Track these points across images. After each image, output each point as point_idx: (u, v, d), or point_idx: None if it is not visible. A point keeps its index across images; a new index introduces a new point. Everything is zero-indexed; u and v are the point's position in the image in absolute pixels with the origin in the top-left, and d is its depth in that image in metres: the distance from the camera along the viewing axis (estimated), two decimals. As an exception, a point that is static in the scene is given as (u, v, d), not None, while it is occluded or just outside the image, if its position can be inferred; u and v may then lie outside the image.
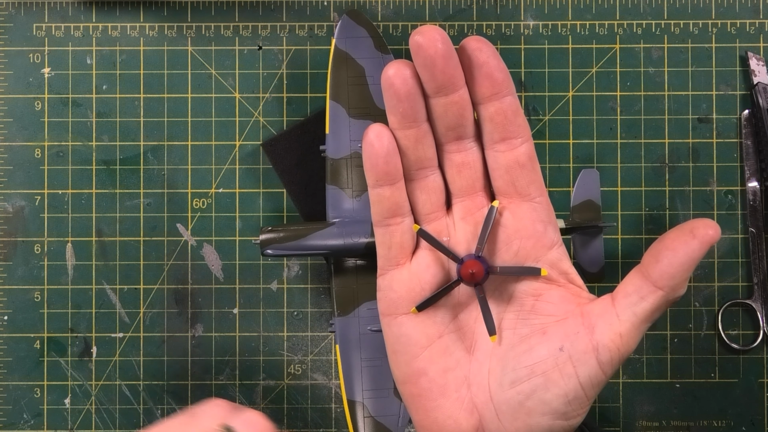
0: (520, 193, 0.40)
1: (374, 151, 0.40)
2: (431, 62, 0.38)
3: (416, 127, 0.40)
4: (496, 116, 0.39)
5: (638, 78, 0.59)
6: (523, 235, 0.40)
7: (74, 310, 0.58)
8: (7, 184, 0.59)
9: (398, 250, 0.42)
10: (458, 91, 0.39)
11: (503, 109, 0.39)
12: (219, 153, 0.59)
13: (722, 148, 0.59)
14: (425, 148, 0.40)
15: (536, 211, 0.40)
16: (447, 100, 0.39)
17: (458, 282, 0.40)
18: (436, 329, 0.41)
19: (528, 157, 0.40)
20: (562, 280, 0.41)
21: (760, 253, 0.58)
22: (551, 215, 0.41)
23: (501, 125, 0.39)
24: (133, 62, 0.59)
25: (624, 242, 0.58)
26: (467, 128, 0.40)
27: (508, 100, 0.39)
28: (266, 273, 0.59)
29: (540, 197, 0.41)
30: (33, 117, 0.59)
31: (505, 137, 0.40)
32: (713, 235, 0.37)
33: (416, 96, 0.39)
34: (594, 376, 0.39)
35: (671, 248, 0.37)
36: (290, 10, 0.59)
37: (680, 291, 0.38)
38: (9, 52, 0.59)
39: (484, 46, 0.38)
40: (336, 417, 0.58)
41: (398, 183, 0.41)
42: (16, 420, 0.58)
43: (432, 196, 0.41)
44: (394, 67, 0.39)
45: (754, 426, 0.58)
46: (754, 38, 0.59)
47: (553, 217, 0.41)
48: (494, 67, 0.38)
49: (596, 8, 0.59)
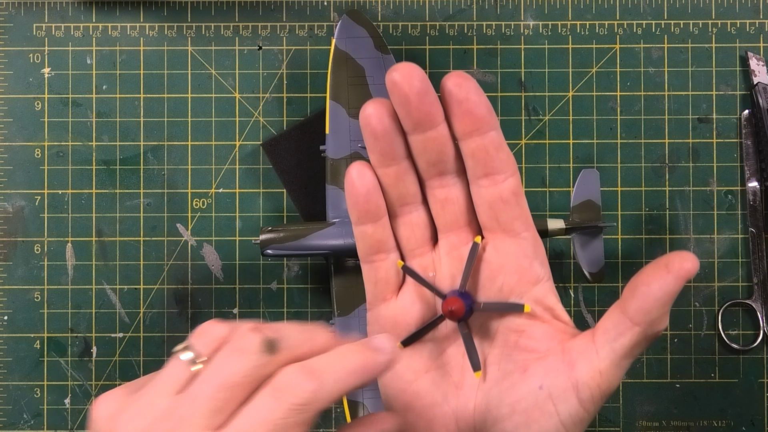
0: (504, 229, 0.40)
1: (355, 190, 0.40)
2: (406, 100, 0.37)
3: (396, 164, 0.39)
4: (478, 152, 0.38)
5: (638, 78, 0.59)
6: (507, 270, 0.40)
7: (74, 310, 0.58)
8: (7, 184, 0.59)
9: (384, 286, 0.41)
10: (436, 127, 0.38)
11: (485, 144, 0.38)
12: (219, 153, 0.59)
13: (722, 148, 0.59)
14: (407, 184, 0.40)
15: (521, 247, 0.40)
16: (425, 137, 0.38)
17: (442, 318, 0.40)
18: (422, 364, 0.41)
19: (512, 193, 0.39)
20: (547, 316, 0.40)
21: (760, 253, 0.58)
22: (538, 250, 0.40)
23: (483, 161, 0.39)
24: (133, 62, 0.59)
25: (624, 242, 0.58)
26: (448, 164, 0.40)
27: (490, 135, 0.38)
28: (266, 273, 0.59)
29: (525, 232, 0.40)
30: (33, 117, 0.59)
31: (487, 173, 0.39)
32: (688, 268, 0.35)
33: (393, 134, 0.39)
34: (575, 414, 0.38)
35: (646, 283, 0.36)
36: (290, 10, 0.59)
37: (659, 326, 0.37)
38: (9, 52, 0.59)
39: (464, 81, 0.38)
40: (336, 417, 0.58)
41: (381, 220, 0.41)
42: (16, 420, 0.58)
43: (416, 231, 0.41)
44: (372, 105, 0.39)
45: (754, 426, 0.58)
46: (754, 38, 0.59)
47: (540, 252, 0.40)
48: (474, 103, 0.38)
49: (596, 8, 0.59)
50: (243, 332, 0.34)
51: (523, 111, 0.59)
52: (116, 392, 0.36)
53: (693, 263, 0.36)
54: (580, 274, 0.56)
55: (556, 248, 0.58)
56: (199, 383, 0.33)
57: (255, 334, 0.34)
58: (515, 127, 0.59)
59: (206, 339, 0.35)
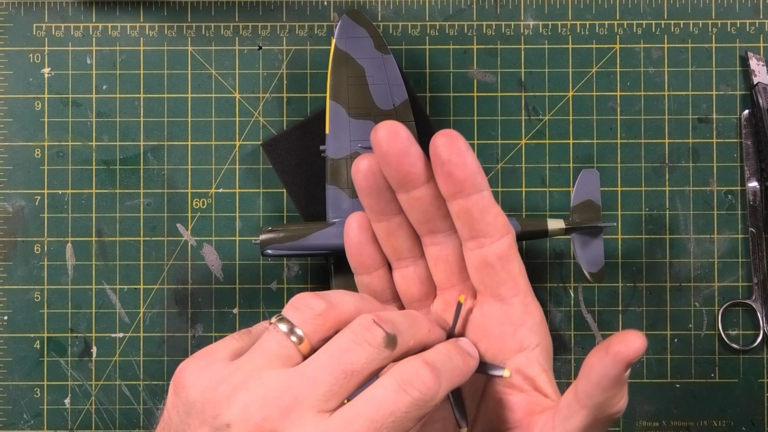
0: (491, 293, 0.39)
1: (349, 241, 0.40)
2: (386, 159, 0.37)
3: (387, 220, 0.39)
4: (462, 214, 0.38)
5: (638, 78, 0.59)
6: (491, 335, 0.39)
7: (74, 310, 0.58)
8: (7, 184, 0.59)
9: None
10: (419, 187, 0.38)
11: (468, 207, 0.37)
12: (219, 153, 0.59)
13: (722, 148, 0.59)
14: (399, 240, 0.40)
15: (506, 313, 0.39)
16: (409, 196, 0.38)
17: None
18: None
19: (497, 257, 0.38)
20: (526, 386, 0.39)
21: (760, 253, 0.58)
22: (526, 317, 0.39)
23: (467, 223, 0.38)
24: (133, 62, 0.59)
25: (624, 242, 0.58)
26: (437, 222, 0.39)
27: (474, 198, 0.37)
28: (266, 273, 0.59)
29: (514, 297, 0.39)
30: (33, 117, 0.59)
31: (473, 235, 0.38)
32: (625, 352, 0.33)
33: (381, 191, 0.39)
34: None
35: (589, 365, 0.35)
36: (290, 10, 0.59)
37: (610, 410, 0.35)
38: (9, 52, 0.59)
39: (450, 142, 0.36)
40: (336, 417, 0.58)
41: (377, 272, 0.41)
42: (16, 420, 0.58)
43: (413, 286, 0.41)
44: (363, 161, 0.38)
45: (754, 426, 0.58)
46: (754, 38, 0.59)
47: (531, 318, 0.39)
48: (456, 165, 0.36)
49: (596, 8, 0.59)
50: (367, 324, 0.34)
51: (523, 111, 0.59)
52: (206, 359, 0.35)
53: (633, 347, 0.33)
54: (580, 274, 0.56)
55: (556, 248, 0.58)
56: (318, 365, 0.33)
57: (378, 329, 0.34)
58: (515, 127, 0.59)
59: (304, 314, 0.35)
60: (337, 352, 0.34)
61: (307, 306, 0.35)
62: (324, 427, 0.32)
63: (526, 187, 0.58)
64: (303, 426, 0.32)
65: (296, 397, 0.33)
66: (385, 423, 0.32)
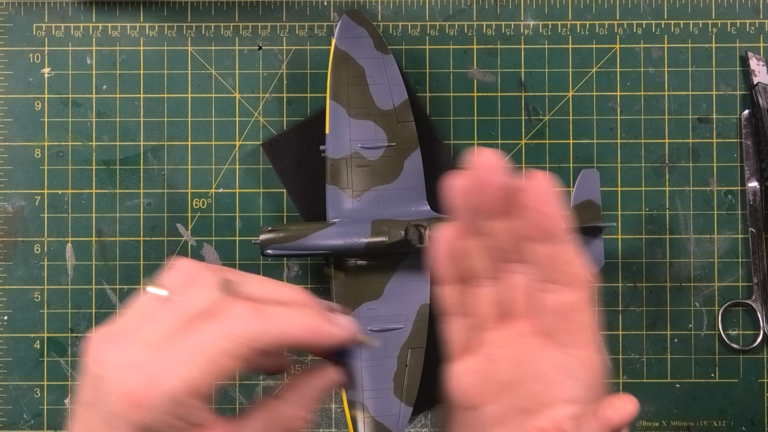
0: (553, 338, 0.39)
1: (436, 251, 0.40)
2: (477, 188, 0.37)
3: (473, 238, 0.39)
4: (544, 258, 0.38)
5: (638, 78, 0.59)
6: (537, 375, 0.39)
7: (74, 310, 0.58)
8: (7, 184, 0.59)
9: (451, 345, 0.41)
10: (505, 221, 0.38)
11: (551, 254, 0.38)
12: (219, 153, 0.59)
13: (722, 148, 0.59)
14: (479, 259, 0.40)
15: (561, 361, 0.38)
16: (494, 224, 0.38)
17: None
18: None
19: (570, 308, 0.38)
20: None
21: (760, 253, 0.58)
22: (581, 371, 0.38)
23: (548, 269, 0.38)
24: (133, 62, 0.59)
25: (624, 242, 0.58)
26: (512, 254, 0.39)
27: (558, 248, 0.38)
28: (266, 273, 0.59)
29: (576, 350, 0.38)
30: (33, 117, 0.59)
31: (551, 280, 0.38)
32: (614, 417, 0.35)
33: (472, 211, 0.39)
34: None
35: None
36: (290, 10, 0.59)
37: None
38: (9, 52, 0.59)
39: (540, 187, 0.37)
40: (336, 417, 0.58)
41: (456, 285, 0.40)
42: (16, 420, 0.58)
43: (482, 305, 0.40)
44: (459, 180, 0.38)
45: (754, 426, 0.58)
46: (754, 38, 0.59)
47: (584, 374, 0.38)
48: (544, 214, 0.37)
49: (596, 8, 0.59)
50: (204, 272, 0.38)
51: (523, 111, 0.59)
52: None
53: (621, 413, 0.35)
54: (580, 274, 0.56)
55: (556, 248, 0.58)
56: (162, 310, 0.38)
57: (213, 274, 0.38)
58: (515, 127, 0.59)
59: (176, 276, 0.38)
60: (180, 299, 0.37)
61: (180, 269, 0.39)
62: (147, 356, 0.36)
63: (526, 187, 0.58)
64: (129, 355, 0.36)
65: (137, 338, 0.37)
66: (211, 355, 0.36)
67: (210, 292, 0.38)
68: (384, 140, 0.55)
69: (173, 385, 0.36)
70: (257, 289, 0.38)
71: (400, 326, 0.54)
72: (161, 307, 0.38)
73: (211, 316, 0.37)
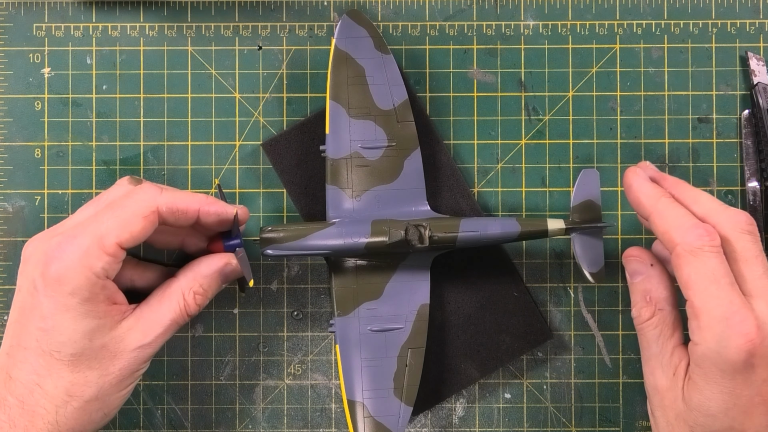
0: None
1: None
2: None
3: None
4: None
5: (638, 78, 0.59)
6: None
7: (74, 310, 0.58)
8: (7, 184, 0.59)
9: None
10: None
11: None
12: (219, 153, 0.59)
13: (722, 148, 0.59)
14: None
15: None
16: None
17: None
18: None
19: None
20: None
21: (760, 253, 0.58)
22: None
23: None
24: (133, 62, 0.59)
25: (624, 242, 0.58)
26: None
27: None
28: (266, 273, 0.59)
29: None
30: (33, 117, 0.59)
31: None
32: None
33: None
34: None
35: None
36: (290, 10, 0.59)
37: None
38: (9, 52, 0.59)
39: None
40: (336, 417, 0.58)
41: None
42: (16, 420, 0.58)
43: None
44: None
45: (754, 426, 0.58)
46: (754, 38, 0.59)
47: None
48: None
49: (596, 8, 0.59)
50: (122, 178, 0.51)
51: (523, 111, 0.59)
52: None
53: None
54: (580, 274, 0.56)
55: (556, 248, 0.58)
56: (84, 206, 0.51)
57: (127, 176, 0.52)
58: (515, 127, 0.59)
59: (115, 188, 0.51)
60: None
61: (119, 183, 0.51)
62: (65, 231, 0.47)
63: (526, 187, 0.58)
64: (51, 236, 0.47)
65: (54, 227, 0.50)
66: (121, 216, 0.47)
67: (123, 187, 0.50)
68: (384, 140, 0.55)
69: (83, 241, 0.46)
70: (174, 193, 0.49)
71: (400, 326, 0.54)
72: (85, 204, 0.50)
73: (124, 197, 0.48)
